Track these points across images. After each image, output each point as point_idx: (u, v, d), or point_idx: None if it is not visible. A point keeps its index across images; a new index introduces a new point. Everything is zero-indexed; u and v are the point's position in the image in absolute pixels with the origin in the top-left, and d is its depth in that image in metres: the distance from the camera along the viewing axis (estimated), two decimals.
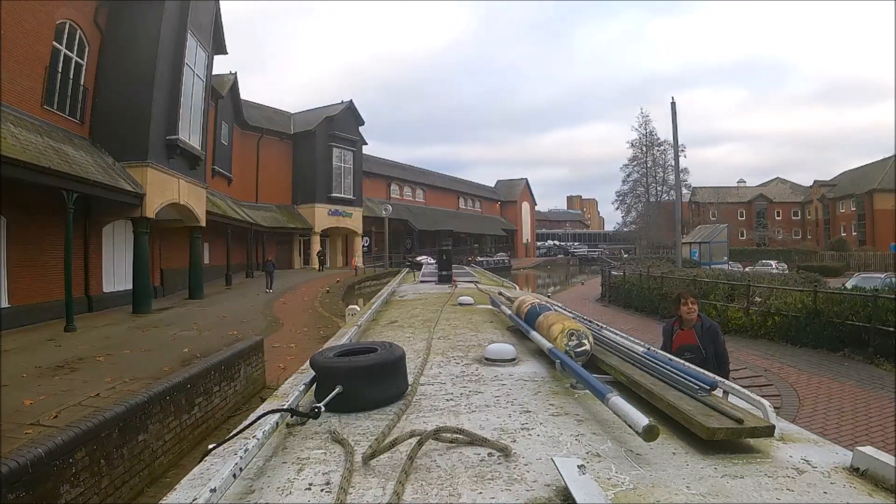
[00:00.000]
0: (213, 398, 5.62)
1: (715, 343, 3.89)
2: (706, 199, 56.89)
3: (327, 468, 1.18)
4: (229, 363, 6.12)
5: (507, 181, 69.55)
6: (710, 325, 4.01)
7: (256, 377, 7.16)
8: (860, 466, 1.13)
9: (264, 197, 31.02)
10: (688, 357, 3.84)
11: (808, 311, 9.04)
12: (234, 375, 6.26)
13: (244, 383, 6.62)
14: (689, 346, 3.86)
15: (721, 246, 30.89)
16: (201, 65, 17.86)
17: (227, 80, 26.84)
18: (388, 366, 1.64)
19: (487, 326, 3.30)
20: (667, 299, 13.95)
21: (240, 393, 6.42)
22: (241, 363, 6.49)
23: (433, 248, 37.86)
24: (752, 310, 10.03)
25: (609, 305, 18.31)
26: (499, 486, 1.07)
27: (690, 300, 3.98)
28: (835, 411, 5.95)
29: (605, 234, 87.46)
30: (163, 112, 15.46)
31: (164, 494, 1.14)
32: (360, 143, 36.27)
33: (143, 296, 14.49)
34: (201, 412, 5.34)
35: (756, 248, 46.93)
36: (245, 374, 6.58)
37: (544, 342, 2.16)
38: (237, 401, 6.30)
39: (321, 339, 9.98)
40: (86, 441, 3.39)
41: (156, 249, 18.56)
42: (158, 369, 7.46)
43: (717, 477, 1.11)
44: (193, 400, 5.09)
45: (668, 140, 53.12)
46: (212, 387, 5.61)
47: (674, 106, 22.52)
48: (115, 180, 13.67)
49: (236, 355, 6.15)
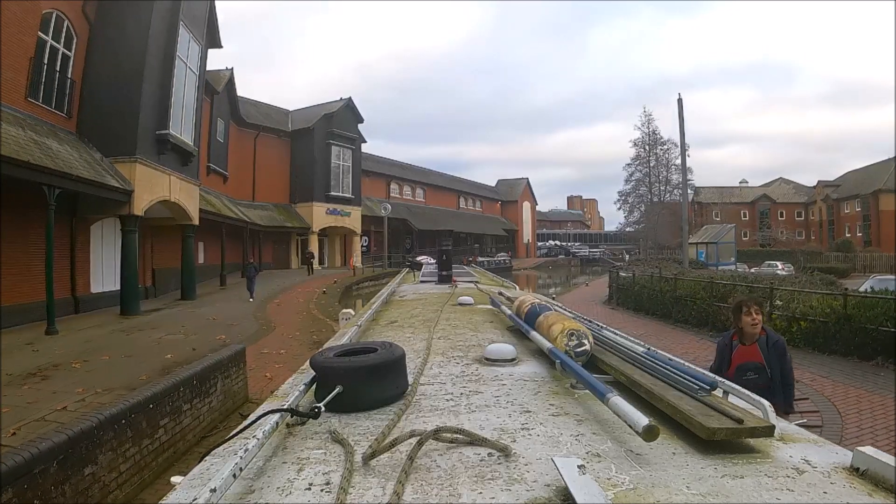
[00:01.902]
0: (183, 417, 4.93)
1: (782, 361, 3.28)
2: (709, 199, 56.31)
3: (327, 468, 1.18)
4: (203, 376, 5.39)
5: (508, 181, 69.01)
6: (777, 339, 3.37)
7: (237, 390, 6.40)
8: (860, 466, 1.12)
9: (261, 196, 30.44)
10: (751, 378, 3.25)
11: (838, 316, 8.45)
12: (210, 390, 5.54)
13: (221, 398, 5.88)
14: (753, 364, 3.26)
15: (728, 246, 30.25)
16: (194, 58, 17.28)
17: (223, 76, 26.24)
18: (389, 366, 1.63)
19: (487, 326, 3.26)
20: (681, 302, 13.36)
21: (216, 410, 5.69)
22: (218, 376, 5.74)
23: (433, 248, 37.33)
24: (776, 314, 9.42)
25: (617, 308, 17.57)
26: (499, 486, 1.06)
27: (755, 309, 3.31)
28: (882, 429, 5.35)
29: (606, 234, 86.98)
30: (153, 106, 14.88)
31: (164, 494, 1.12)
32: (359, 140, 35.67)
33: (130, 297, 13.91)
34: (168, 435, 4.64)
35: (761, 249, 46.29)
36: (223, 388, 5.86)
37: (544, 342, 2.14)
38: (213, 419, 5.58)
39: (313, 345, 9.39)
40: (16, 479, 2.78)
41: (147, 248, 18.03)
42: (135, 378, 6.89)
43: (717, 477, 1.10)
44: (157, 422, 4.42)
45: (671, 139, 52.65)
46: (181, 405, 4.89)
47: (680, 102, 21.98)
48: (100, 176, 13.08)
49: (212, 367, 5.43)
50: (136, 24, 14.65)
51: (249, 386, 6.87)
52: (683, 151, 22.28)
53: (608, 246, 72.90)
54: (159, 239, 18.50)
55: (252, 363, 7.98)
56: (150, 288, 17.93)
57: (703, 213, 54.70)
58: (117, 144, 14.13)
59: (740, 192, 59.81)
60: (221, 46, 19.75)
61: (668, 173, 51.98)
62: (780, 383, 3.21)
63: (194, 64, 17.28)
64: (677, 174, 51.93)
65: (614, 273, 20.18)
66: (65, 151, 12.77)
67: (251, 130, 30.19)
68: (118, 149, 14.14)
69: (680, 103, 21.49)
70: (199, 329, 11.21)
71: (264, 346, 9.43)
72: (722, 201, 55.59)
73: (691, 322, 12.86)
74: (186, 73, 16.70)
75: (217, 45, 19.63)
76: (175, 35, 15.65)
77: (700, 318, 12.55)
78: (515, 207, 65.30)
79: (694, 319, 12.78)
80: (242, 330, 11.44)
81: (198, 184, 18.60)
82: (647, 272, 17.67)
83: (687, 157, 24.26)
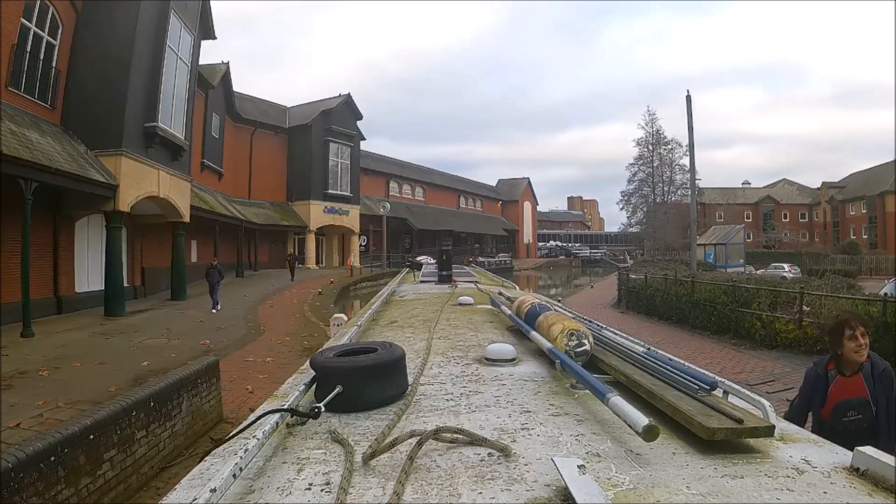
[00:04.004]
0: (137, 447, 4.09)
1: (889, 394, 2.57)
2: (712, 199, 55.69)
3: (327, 468, 1.17)
4: (163, 396, 4.55)
5: (509, 180, 68.37)
6: (884, 367, 2.62)
7: (207, 410, 5.51)
8: (860, 466, 1.12)
9: (257, 193, 29.77)
10: (853, 419, 2.57)
11: (877, 324, 7.74)
12: (172, 412, 4.69)
13: (188, 420, 5.02)
14: (857, 401, 2.51)
15: (737, 248, 29.58)
16: (186, 49, 16.61)
17: (218, 70, 25.58)
18: (389, 366, 1.62)
19: (487, 326, 3.24)
20: (699, 307, 12.58)
21: (180, 434, 4.84)
22: (184, 394, 4.89)
23: (433, 247, 36.75)
24: (807, 321, 8.73)
25: (627, 312, 16.69)
26: (499, 486, 1.06)
27: (860, 331, 2.54)
28: None
29: (607, 234, 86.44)
30: (140, 97, 14.21)
31: (165, 494, 1.11)
32: (357, 138, 35.00)
33: (115, 297, 13.25)
34: (115, 470, 3.84)
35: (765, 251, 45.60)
36: (189, 409, 5.03)
37: (544, 342, 2.14)
38: (177, 444, 4.76)
39: (303, 351, 8.72)
40: None
41: (137, 246, 17.37)
42: (104, 389, 6.23)
43: (717, 477, 1.10)
44: (101, 455, 3.65)
45: (675, 138, 52.04)
46: (133, 432, 4.03)
47: (689, 99, 21.33)
48: (83, 169, 12.41)
49: (175, 385, 4.61)
50: (125, 12, 14.01)
51: (227, 401, 6.13)
52: (692, 149, 21.63)
53: (609, 247, 72.40)
54: (149, 237, 17.83)
55: (234, 373, 7.31)
56: (140, 287, 17.26)
57: (706, 214, 54.08)
58: (103, 137, 13.48)
59: (743, 193, 59.19)
60: (215, 38, 19.09)
61: (672, 173, 51.43)
62: (886, 423, 2.50)
63: (186, 55, 16.61)
64: (681, 174, 51.48)
65: (624, 275, 19.34)
66: (46, 143, 12.10)
67: (247, 127, 29.54)
68: (104, 141, 13.49)
69: (688, 99, 20.82)
70: (184, 333, 10.53)
71: (251, 352, 8.74)
72: (725, 202, 54.96)
73: (711, 329, 12.08)
74: (178, 63, 16.04)
75: (211, 36, 18.96)
76: (165, 24, 15.00)
77: (721, 325, 11.75)
78: (516, 207, 64.70)
79: (714, 326, 11.99)
80: (230, 334, 10.74)
81: (189, 179, 17.92)
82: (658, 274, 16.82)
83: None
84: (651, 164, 52.26)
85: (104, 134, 13.47)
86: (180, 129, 16.39)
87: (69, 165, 11.98)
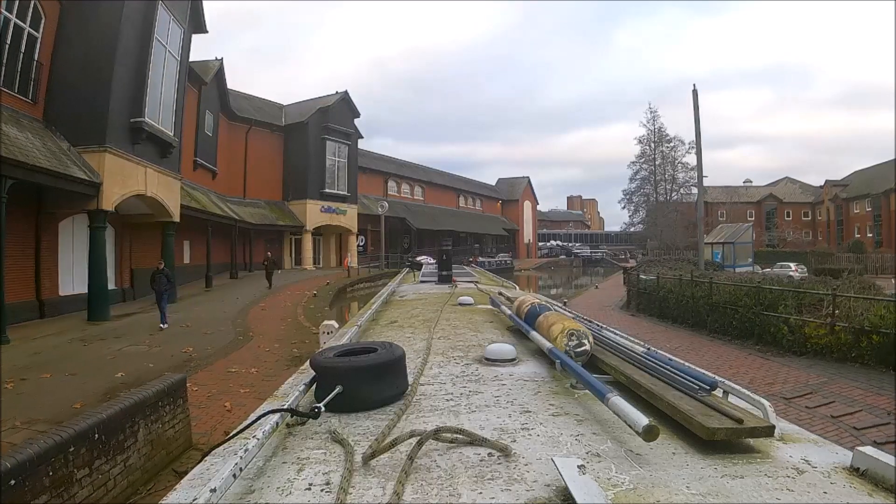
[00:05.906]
0: (76, 489, 3.34)
1: None
2: (715, 198, 55.09)
3: (327, 468, 1.17)
4: (112, 426, 3.77)
5: (509, 179, 67.75)
6: None
7: (172, 436, 4.73)
8: (860, 466, 1.11)
9: (253, 192, 29.12)
10: None
11: None
12: (125, 443, 3.93)
13: (146, 451, 4.25)
14: None
15: (746, 247, 28.93)
16: (175, 41, 15.98)
17: (211, 66, 24.96)
18: (389, 366, 1.61)
19: (487, 326, 3.25)
20: (718, 310, 11.77)
21: (136, 468, 4.06)
22: (139, 421, 4.12)
23: (432, 247, 36.11)
24: (839, 326, 8.10)
25: (638, 315, 15.89)
26: (499, 486, 1.05)
27: None
28: None
29: (607, 234, 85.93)
30: (126, 91, 13.58)
31: (165, 494, 1.09)
32: (355, 136, 34.37)
33: (99, 300, 12.62)
34: None
35: (769, 250, 44.98)
36: (147, 437, 4.24)
37: (544, 342, 2.12)
38: (132, 481, 3.97)
39: (292, 360, 8.09)
40: None
41: (126, 247, 16.77)
42: (67, 406, 5.60)
43: (717, 477, 1.09)
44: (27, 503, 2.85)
45: (678, 136, 51.43)
46: (72, 471, 3.30)
47: (695, 94, 20.74)
48: (64, 166, 11.79)
49: (127, 411, 3.84)
50: (111, 3, 13.39)
51: (201, 421, 5.46)
52: (699, 142, 21.00)
53: (609, 246, 71.89)
54: (139, 237, 17.21)
55: (214, 386, 6.65)
56: (129, 289, 16.66)
57: (709, 213, 53.48)
58: (87, 132, 12.88)
59: (746, 192, 58.57)
60: (207, 31, 18.42)
61: (675, 171, 50.79)
62: None
63: (175, 48, 15.98)
64: (683, 172, 50.86)
65: (633, 276, 18.55)
66: (24, 139, 11.49)
67: (242, 124, 28.90)
68: (88, 137, 12.90)
69: (695, 94, 20.22)
70: (167, 338, 9.90)
71: (235, 361, 8.08)
72: (728, 201, 54.38)
73: (732, 333, 11.22)
74: (166, 56, 15.41)
75: (202, 30, 18.32)
76: (153, 14, 14.39)
77: (743, 330, 10.89)
78: (516, 207, 64.08)
79: (735, 331, 11.13)
80: (215, 340, 10.09)
81: (178, 177, 17.27)
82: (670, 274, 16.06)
83: (695, 155, 23.04)
84: (653, 162, 51.62)
85: (88, 129, 12.87)
86: (169, 125, 15.77)
87: (48, 162, 11.37)
